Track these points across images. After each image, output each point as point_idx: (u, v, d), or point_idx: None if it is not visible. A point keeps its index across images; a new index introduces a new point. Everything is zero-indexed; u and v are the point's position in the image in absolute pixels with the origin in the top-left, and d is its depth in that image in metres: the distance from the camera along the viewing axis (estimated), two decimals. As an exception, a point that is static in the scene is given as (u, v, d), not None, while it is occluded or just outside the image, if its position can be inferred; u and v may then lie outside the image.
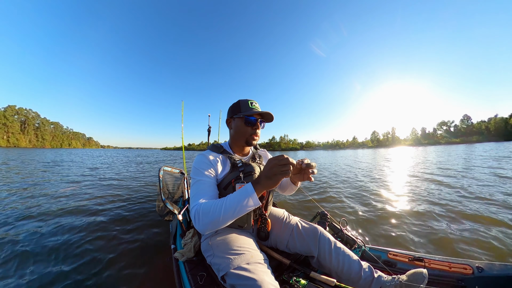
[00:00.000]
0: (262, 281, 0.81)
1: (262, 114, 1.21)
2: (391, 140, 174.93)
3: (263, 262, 0.95)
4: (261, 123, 1.22)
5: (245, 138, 1.21)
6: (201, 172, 1.07)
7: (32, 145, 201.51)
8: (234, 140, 1.27)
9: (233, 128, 1.24)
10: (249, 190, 0.85)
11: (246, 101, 1.19)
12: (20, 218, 2.99)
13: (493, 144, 43.61)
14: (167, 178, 2.58)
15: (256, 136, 1.21)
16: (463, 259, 1.20)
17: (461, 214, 2.97)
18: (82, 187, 5.46)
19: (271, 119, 1.24)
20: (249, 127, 1.18)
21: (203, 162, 1.12)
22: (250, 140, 1.20)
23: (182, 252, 1.35)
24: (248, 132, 1.19)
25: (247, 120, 1.17)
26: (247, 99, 1.20)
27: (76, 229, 2.65)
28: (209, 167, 1.10)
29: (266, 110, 1.21)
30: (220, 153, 1.20)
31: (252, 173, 1.17)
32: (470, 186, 4.72)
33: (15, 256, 2.02)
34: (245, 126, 1.18)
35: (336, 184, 5.72)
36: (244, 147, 1.28)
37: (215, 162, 1.14)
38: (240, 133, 1.21)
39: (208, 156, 1.14)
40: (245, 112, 1.16)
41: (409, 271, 1.06)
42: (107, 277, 1.77)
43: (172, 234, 1.76)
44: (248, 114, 1.15)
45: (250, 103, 1.18)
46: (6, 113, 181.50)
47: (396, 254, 1.37)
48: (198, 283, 1.09)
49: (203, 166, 1.09)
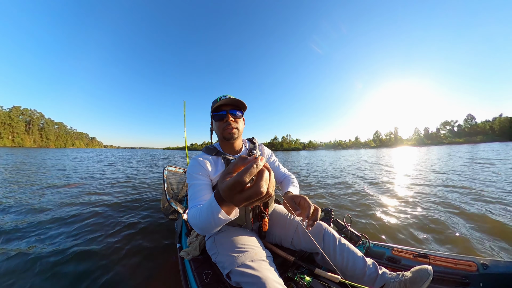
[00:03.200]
0: (266, 278, 0.82)
1: (228, 104, 1.16)
2: (394, 140, 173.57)
3: (267, 259, 0.96)
4: (232, 113, 1.17)
5: (222, 135, 1.20)
6: (193, 176, 1.10)
7: (37, 145, 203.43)
8: (219, 140, 1.30)
9: (214, 129, 1.27)
10: (214, 207, 0.69)
11: (216, 100, 1.17)
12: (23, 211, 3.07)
13: (498, 144, 42.97)
14: (171, 177, 2.61)
15: (230, 127, 1.16)
16: (468, 256, 1.19)
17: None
18: (88, 185, 5.53)
19: (240, 104, 1.17)
20: (220, 122, 1.17)
21: (194, 166, 1.14)
22: (225, 134, 1.18)
23: (188, 251, 1.36)
24: (220, 127, 1.18)
25: (215, 117, 1.18)
26: (218, 97, 1.18)
27: (82, 226, 2.70)
28: (200, 170, 1.12)
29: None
30: (213, 154, 1.21)
31: None
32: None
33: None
34: (216, 122, 1.19)
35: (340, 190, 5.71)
36: (229, 144, 1.25)
37: (206, 165, 1.15)
38: (217, 132, 1.23)
39: (199, 159, 1.17)
40: (213, 108, 1.17)
41: (413, 268, 1.05)
42: (113, 276, 1.79)
43: (177, 233, 1.78)
44: (215, 109, 1.16)
45: (218, 99, 1.16)
46: (11, 113, 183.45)
47: (400, 251, 1.36)
48: (204, 281, 1.10)
49: (194, 170, 1.12)
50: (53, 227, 2.69)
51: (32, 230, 2.61)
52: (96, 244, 2.29)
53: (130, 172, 8.82)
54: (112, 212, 3.30)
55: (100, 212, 3.28)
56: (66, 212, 3.26)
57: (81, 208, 3.49)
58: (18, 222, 2.84)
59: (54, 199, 4.05)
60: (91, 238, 2.43)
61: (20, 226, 2.71)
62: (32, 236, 2.44)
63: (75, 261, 1.98)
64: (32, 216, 3.10)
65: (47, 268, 1.86)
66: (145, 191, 4.93)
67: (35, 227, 2.70)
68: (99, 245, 2.28)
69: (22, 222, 2.83)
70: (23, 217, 3.07)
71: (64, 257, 2.02)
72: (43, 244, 2.25)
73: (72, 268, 1.88)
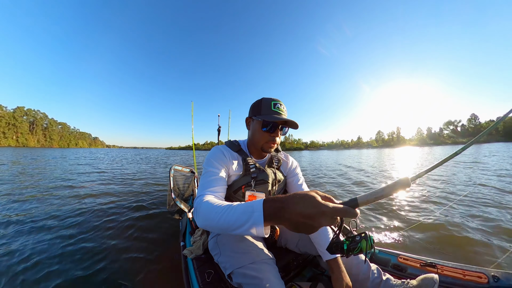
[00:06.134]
0: (266, 280, 0.82)
1: (285, 121, 1.05)
2: (396, 140, 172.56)
3: (269, 261, 0.95)
4: (282, 129, 1.09)
5: (261, 144, 1.10)
6: (214, 163, 1.02)
7: (41, 144, 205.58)
8: (250, 142, 1.18)
9: (251, 129, 1.14)
10: (255, 217, 0.60)
11: (269, 102, 1.04)
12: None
13: (502, 145, 42.53)
14: (177, 176, 2.63)
15: (274, 143, 1.08)
16: (478, 267, 1.13)
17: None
18: (97, 184, 5.65)
19: (295, 126, 1.07)
20: (267, 133, 1.06)
21: (217, 154, 1.06)
22: (266, 147, 1.09)
23: (191, 250, 1.37)
24: (264, 138, 1.07)
25: (264, 125, 1.04)
26: (271, 99, 1.05)
27: (88, 222, 2.76)
28: (223, 161, 1.05)
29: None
30: (236, 151, 1.14)
31: (265, 182, 1.10)
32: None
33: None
34: (262, 131, 1.06)
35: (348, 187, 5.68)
36: (259, 150, 1.17)
37: (230, 159, 1.08)
38: (257, 137, 1.10)
39: (224, 150, 1.10)
40: (265, 116, 1.02)
41: (419, 277, 1.01)
42: (116, 270, 1.83)
43: (181, 231, 1.79)
44: (268, 119, 1.01)
45: (273, 104, 1.04)
46: (16, 114, 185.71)
47: (406, 258, 1.31)
48: (205, 280, 1.10)
49: (217, 158, 1.04)
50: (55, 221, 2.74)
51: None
52: (100, 238, 2.34)
53: (136, 170, 8.94)
54: (116, 209, 3.37)
55: (104, 209, 3.34)
56: (73, 207, 3.31)
57: (88, 203, 3.53)
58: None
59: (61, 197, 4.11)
60: (95, 231, 2.48)
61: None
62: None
63: (78, 256, 2.02)
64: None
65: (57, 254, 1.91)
66: (150, 189, 5.00)
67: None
68: (103, 239, 2.32)
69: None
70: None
71: (64, 253, 2.07)
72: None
73: (76, 262, 1.93)
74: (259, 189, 1.08)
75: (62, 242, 2.29)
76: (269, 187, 1.11)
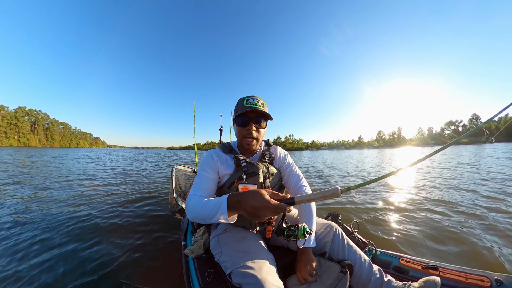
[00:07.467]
0: (265, 280, 0.83)
1: (257, 112, 1.10)
2: (397, 140, 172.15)
3: (268, 261, 0.96)
4: (256, 122, 1.12)
5: (240, 141, 1.19)
6: (204, 167, 1.14)
7: (42, 144, 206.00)
8: (237, 141, 1.27)
9: (235, 131, 1.24)
10: (222, 209, 0.81)
11: (243, 99, 1.12)
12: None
13: (504, 145, 42.32)
14: (179, 176, 2.64)
15: (250, 137, 1.13)
16: (480, 270, 1.12)
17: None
18: (99, 183, 5.71)
19: (267, 116, 1.13)
20: (242, 129, 1.13)
21: (207, 158, 1.18)
22: (244, 144, 1.16)
23: (192, 249, 1.38)
24: (241, 134, 1.15)
25: (237, 120, 1.13)
26: (245, 97, 1.13)
27: (91, 220, 2.78)
28: (212, 164, 1.15)
29: (268, 110, 1.13)
30: (227, 152, 1.22)
31: (256, 174, 1.14)
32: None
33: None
34: (237, 126, 1.16)
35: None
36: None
37: (220, 161, 1.17)
38: (236, 135, 1.21)
39: (214, 154, 1.20)
40: (238, 112, 1.11)
41: (421, 279, 1.02)
42: (117, 269, 1.85)
43: (183, 231, 1.80)
44: (239, 114, 1.10)
45: (245, 100, 1.10)
46: (17, 114, 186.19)
47: (408, 261, 1.31)
48: (206, 279, 1.10)
49: (207, 163, 1.16)
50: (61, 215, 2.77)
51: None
52: (101, 237, 2.36)
53: (139, 170, 8.99)
54: (119, 208, 3.40)
55: (108, 208, 3.38)
56: (75, 206, 3.33)
57: (91, 203, 3.56)
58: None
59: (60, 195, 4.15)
60: (97, 230, 2.51)
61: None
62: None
63: (79, 254, 2.04)
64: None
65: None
66: (153, 188, 5.04)
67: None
68: (104, 237, 2.35)
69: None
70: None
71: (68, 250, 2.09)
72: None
73: (77, 259, 1.96)
74: (250, 181, 1.13)
75: (61, 240, 2.31)
76: (260, 179, 1.15)
